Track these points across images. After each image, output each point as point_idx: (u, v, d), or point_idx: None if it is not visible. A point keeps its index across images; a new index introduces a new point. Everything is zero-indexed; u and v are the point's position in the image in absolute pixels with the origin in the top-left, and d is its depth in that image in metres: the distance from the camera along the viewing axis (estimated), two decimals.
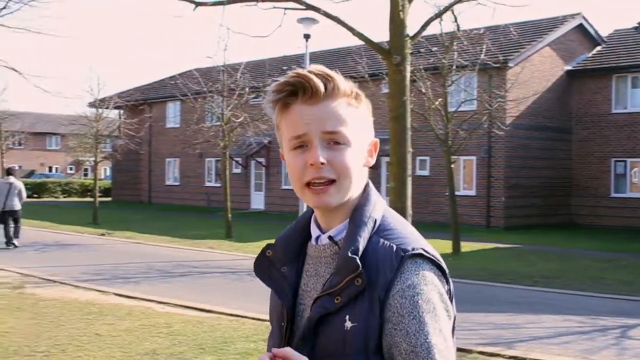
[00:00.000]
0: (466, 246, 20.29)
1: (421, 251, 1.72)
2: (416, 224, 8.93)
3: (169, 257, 18.58)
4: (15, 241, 20.46)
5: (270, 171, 37.81)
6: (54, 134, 77.25)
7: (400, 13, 6.62)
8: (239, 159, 37.95)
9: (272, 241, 1.94)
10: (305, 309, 1.82)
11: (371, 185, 1.88)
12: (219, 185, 37.67)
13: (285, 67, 35.97)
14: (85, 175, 75.86)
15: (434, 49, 20.72)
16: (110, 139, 44.96)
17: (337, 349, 1.69)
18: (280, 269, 1.89)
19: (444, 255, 13.25)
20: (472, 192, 29.41)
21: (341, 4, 17.71)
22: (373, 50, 7.76)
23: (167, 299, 12.54)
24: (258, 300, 12.99)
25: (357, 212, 1.79)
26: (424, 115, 19.24)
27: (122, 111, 43.54)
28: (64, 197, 54.55)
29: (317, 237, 1.86)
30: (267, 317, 7.73)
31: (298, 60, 33.46)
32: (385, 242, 1.73)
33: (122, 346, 9.10)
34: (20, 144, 68.01)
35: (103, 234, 25.53)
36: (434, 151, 28.39)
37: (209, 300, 12.78)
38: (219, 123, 26.29)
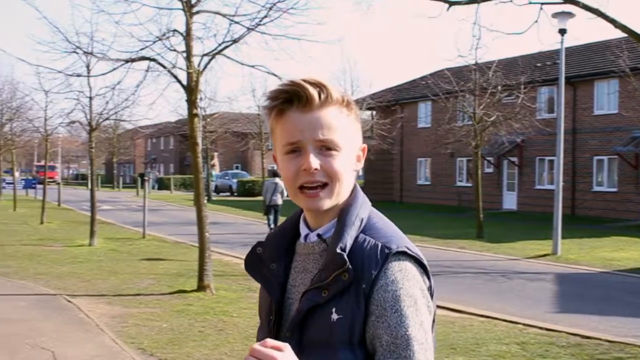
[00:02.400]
0: None
1: (404, 249, 1.81)
2: None
3: None
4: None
5: (523, 171, 36.91)
6: None
7: None
8: (490, 159, 37.40)
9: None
10: (294, 303, 1.90)
11: (358, 187, 1.96)
12: (470, 184, 37.34)
13: (538, 64, 34.95)
14: None
15: None
16: (363, 140, 45.96)
17: (323, 339, 1.77)
18: (269, 265, 1.96)
19: None
20: None
21: None
22: (636, 42, 7.28)
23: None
24: (511, 301, 12.73)
25: (345, 212, 1.88)
26: None
27: (374, 112, 44.44)
28: None
29: (306, 235, 1.95)
30: (521, 319, 7.59)
31: (553, 56, 32.33)
32: (371, 240, 1.82)
33: None
34: None
35: None
36: None
37: (460, 300, 12.69)
38: (470, 122, 26.05)
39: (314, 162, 1.80)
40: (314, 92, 1.82)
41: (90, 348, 8.99)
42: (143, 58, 13.62)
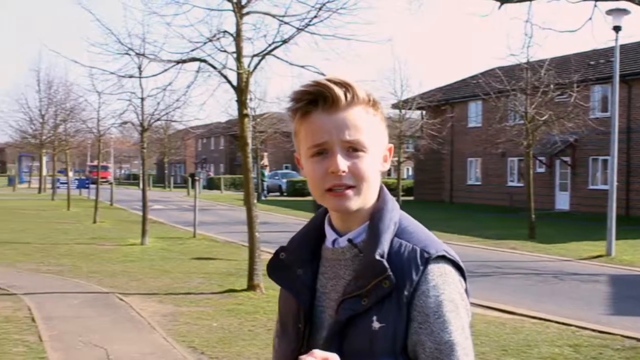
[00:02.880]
0: None
1: (444, 253, 1.78)
2: None
3: (471, 257, 18.34)
4: None
5: (577, 171, 36.40)
6: None
7: None
8: (542, 158, 36.98)
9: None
10: (325, 310, 1.85)
11: (385, 189, 1.92)
12: (521, 185, 36.93)
13: (592, 62, 34.46)
14: (389, 175, 77.89)
15: None
16: (412, 140, 45.76)
17: (365, 349, 1.72)
18: (295, 271, 1.91)
19: None
20: None
21: None
22: None
23: (470, 299, 12.47)
24: (564, 303, 12.56)
25: (377, 216, 1.83)
26: None
27: (424, 112, 44.22)
28: None
29: (334, 240, 1.88)
30: (573, 321, 7.45)
31: (607, 54, 31.81)
32: (408, 244, 1.78)
33: None
34: None
35: None
36: None
37: (511, 301, 12.57)
38: (522, 122, 25.77)
39: (342, 163, 1.76)
40: (339, 92, 1.78)
41: (142, 346, 9.09)
42: (194, 59, 13.73)
